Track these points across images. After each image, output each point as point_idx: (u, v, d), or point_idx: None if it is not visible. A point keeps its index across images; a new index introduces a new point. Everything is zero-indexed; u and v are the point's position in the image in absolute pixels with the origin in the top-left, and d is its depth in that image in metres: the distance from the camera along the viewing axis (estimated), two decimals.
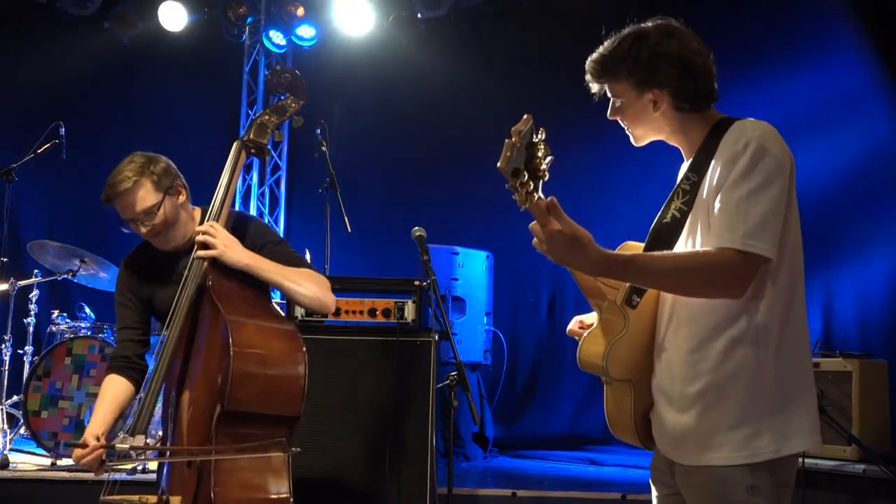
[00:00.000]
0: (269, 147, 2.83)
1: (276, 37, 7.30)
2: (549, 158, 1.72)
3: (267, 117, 2.81)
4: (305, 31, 7.15)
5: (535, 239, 1.77)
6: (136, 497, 2.45)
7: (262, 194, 7.62)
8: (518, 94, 6.86)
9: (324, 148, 4.92)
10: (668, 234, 1.91)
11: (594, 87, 2.07)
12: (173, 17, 6.90)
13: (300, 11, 7.00)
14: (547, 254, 1.76)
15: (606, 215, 6.41)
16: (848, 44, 5.66)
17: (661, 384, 1.93)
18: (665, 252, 1.86)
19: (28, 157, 5.06)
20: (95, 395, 4.82)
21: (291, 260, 2.75)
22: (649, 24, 1.99)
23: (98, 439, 2.56)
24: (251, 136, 2.77)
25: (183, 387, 2.56)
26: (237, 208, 6.93)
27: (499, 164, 1.66)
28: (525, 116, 1.70)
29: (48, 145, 5.08)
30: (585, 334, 1.98)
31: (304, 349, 2.54)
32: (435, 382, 3.86)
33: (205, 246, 2.60)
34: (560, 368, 6.87)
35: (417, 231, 3.62)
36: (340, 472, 3.85)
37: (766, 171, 1.78)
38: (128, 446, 2.50)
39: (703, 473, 1.87)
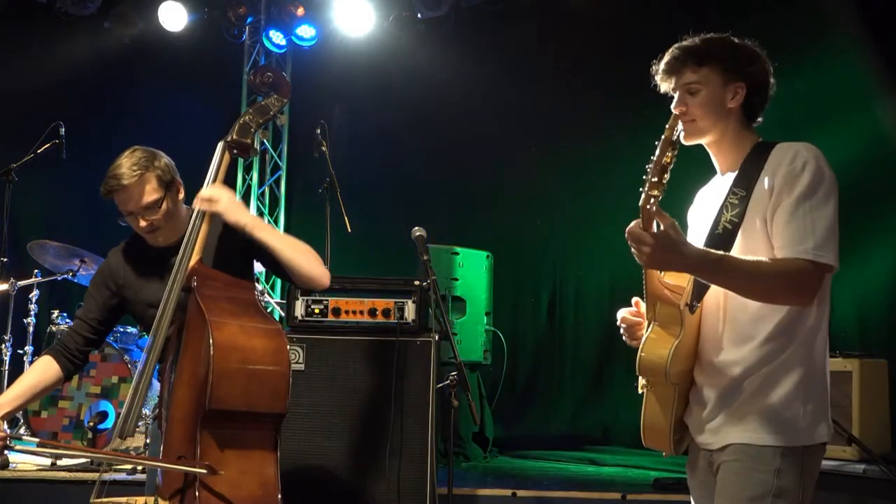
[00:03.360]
0: (255, 147, 2.82)
1: (276, 37, 7.29)
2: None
3: (249, 117, 2.79)
4: (305, 31, 7.15)
5: (631, 241, 1.86)
6: (124, 499, 2.46)
7: (262, 194, 7.62)
8: (518, 94, 6.87)
9: (324, 148, 4.91)
10: (722, 244, 2.03)
11: (664, 78, 2.16)
12: (173, 17, 6.90)
13: (300, 11, 7.00)
14: (648, 256, 1.86)
15: (605, 215, 6.41)
16: (848, 44, 5.66)
17: (711, 376, 2.05)
18: (748, 257, 1.97)
19: (28, 157, 5.06)
20: (95, 395, 4.85)
21: None
22: None
23: (2, 419, 2.56)
24: (234, 136, 2.75)
25: (173, 388, 2.57)
26: None
27: (665, 136, 1.82)
28: (673, 117, 1.88)
29: (48, 145, 5.08)
30: (645, 337, 2.04)
31: (288, 347, 2.55)
32: (435, 382, 3.87)
33: (208, 200, 2.61)
34: (560, 368, 6.87)
35: (417, 231, 3.62)
36: (340, 472, 3.86)
37: (825, 189, 1.97)
38: (31, 439, 2.52)
39: (738, 451, 2.00)
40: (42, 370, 2.74)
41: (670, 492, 4.45)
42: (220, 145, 2.77)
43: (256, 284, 5.77)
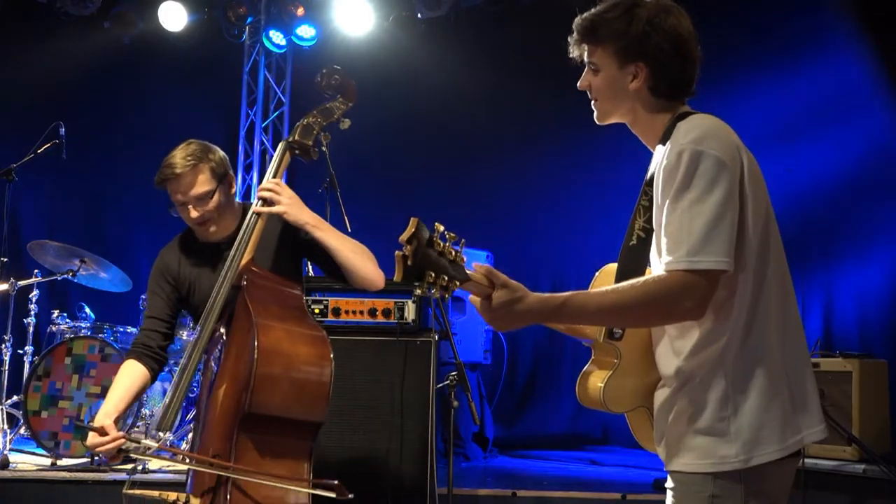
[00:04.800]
0: (317, 149, 2.81)
1: (276, 37, 7.30)
2: (460, 243, 1.68)
3: (313, 119, 2.79)
4: (305, 31, 7.15)
5: (479, 308, 1.73)
6: (156, 493, 2.45)
7: None
8: (518, 94, 6.87)
9: (324, 147, 4.91)
10: (636, 257, 1.83)
11: (574, 51, 1.98)
12: (173, 17, 6.90)
13: (300, 11, 7.00)
14: (496, 326, 1.75)
15: (605, 215, 6.41)
16: (848, 44, 5.66)
17: (656, 395, 1.90)
18: (608, 287, 1.74)
19: (28, 157, 5.06)
20: (95, 396, 4.84)
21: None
22: None
23: (115, 426, 2.54)
24: (296, 138, 2.76)
25: (213, 387, 2.55)
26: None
27: (395, 279, 1.63)
28: (410, 222, 1.61)
29: (48, 145, 5.08)
30: (581, 374, 1.94)
31: (332, 355, 2.51)
32: (435, 382, 3.87)
33: (268, 202, 2.61)
34: (560, 368, 6.87)
35: None
36: (340, 472, 3.85)
37: (704, 176, 1.68)
38: (150, 444, 2.50)
39: (674, 478, 1.83)
40: (131, 374, 2.73)
41: None
42: (280, 145, 2.78)
43: None
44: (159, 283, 2.84)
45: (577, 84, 1.98)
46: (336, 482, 2.29)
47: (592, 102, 1.97)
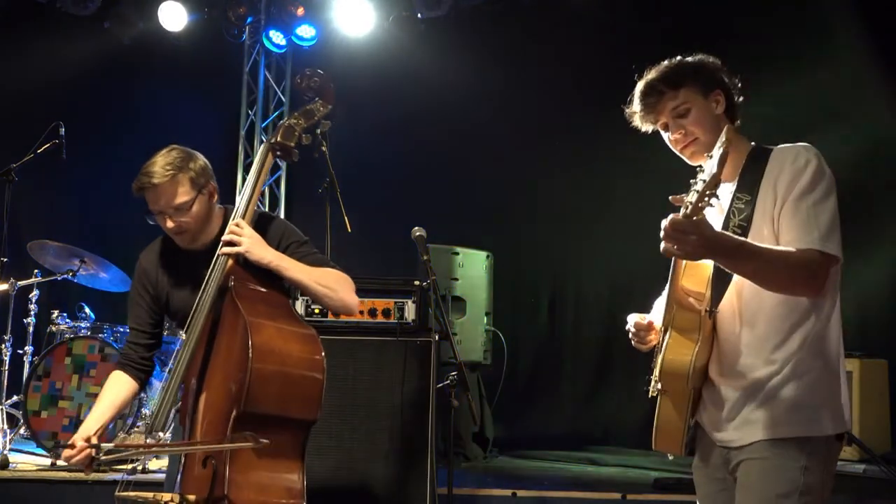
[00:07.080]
0: (296, 150, 2.81)
1: (276, 37, 7.30)
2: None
3: (294, 120, 2.79)
4: (305, 31, 7.15)
5: (675, 233, 1.79)
6: (150, 494, 2.46)
7: (262, 194, 7.61)
8: (518, 94, 6.87)
9: (324, 148, 4.91)
10: None
11: (644, 119, 2.23)
12: (173, 17, 6.90)
13: (300, 11, 7.00)
14: (692, 246, 1.80)
15: (605, 215, 6.41)
16: (849, 43, 5.66)
17: (732, 376, 2.08)
18: (767, 245, 1.98)
19: (28, 157, 5.05)
20: (95, 395, 4.84)
21: (315, 260, 2.74)
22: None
23: (89, 439, 2.56)
24: (278, 139, 2.75)
25: (201, 388, 2.56)
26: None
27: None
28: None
29: (48, 145, 5.07)
30: (665, 343, 2.06)
31: (323, 353, 2.53)
32: (435, 382, 3.87)
33: (230, 244, 2.59)
34: (560, 368, 6.87)
35: (417, 231, 3.62)
36: (340, 473, 3.86)
37: (826, 185, 2.02)
38: (112, 445, 2.52)
39: (765, 448, 2.02)
40: (115, 387, 2.80)
41: (670, 492, 4.45)
42: (262, 147, 2.78)
43: None
44: (139, 292, 2.85)
45: (672, 138, 2.20)
46: (250, 433, 2.28)
47: (687, 145, 2.18)
